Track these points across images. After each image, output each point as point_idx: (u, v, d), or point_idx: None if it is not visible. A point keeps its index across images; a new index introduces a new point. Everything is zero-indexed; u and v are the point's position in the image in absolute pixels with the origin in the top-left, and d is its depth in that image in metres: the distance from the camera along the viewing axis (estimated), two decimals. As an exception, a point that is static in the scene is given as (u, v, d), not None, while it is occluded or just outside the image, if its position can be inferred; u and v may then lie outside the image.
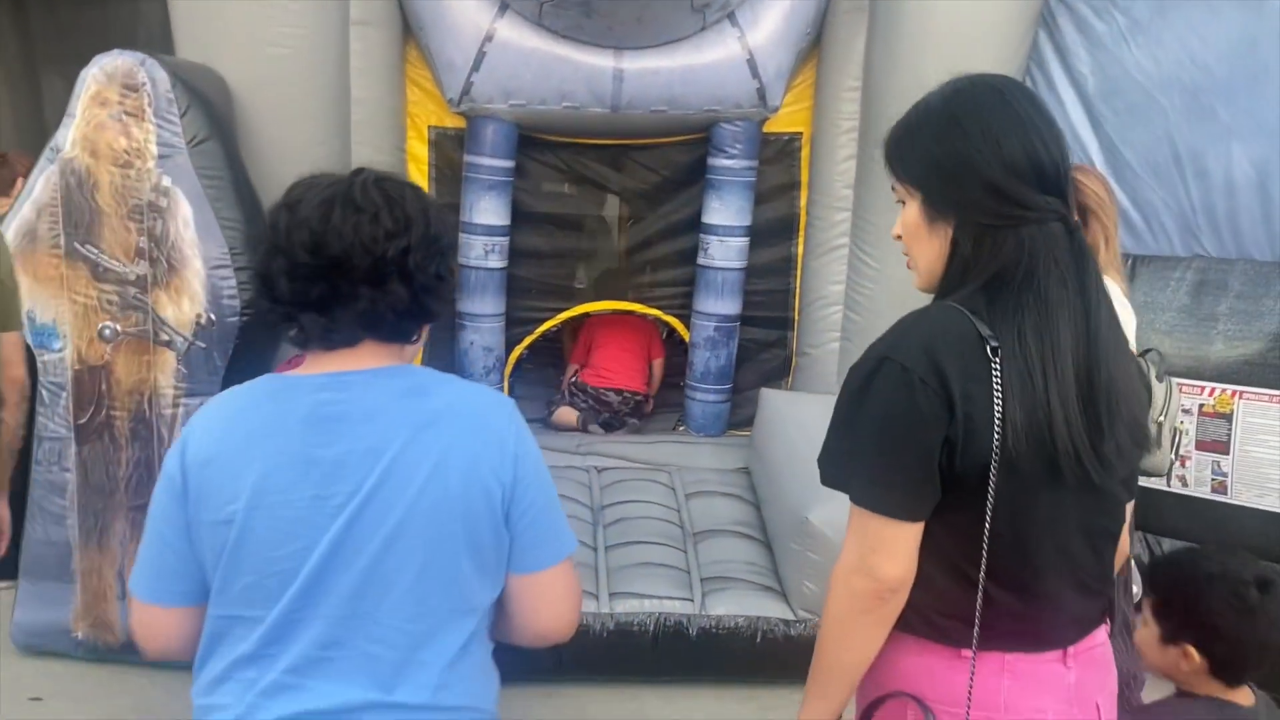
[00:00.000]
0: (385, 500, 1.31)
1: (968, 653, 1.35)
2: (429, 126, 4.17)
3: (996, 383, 1.29)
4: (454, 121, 4.13)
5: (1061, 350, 1.31)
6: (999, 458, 1.29)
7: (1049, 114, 1.40)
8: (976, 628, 1.34)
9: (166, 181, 3.30)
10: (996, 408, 1.28)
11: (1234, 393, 3.39)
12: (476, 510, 1.35)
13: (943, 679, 1.36)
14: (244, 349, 3.40)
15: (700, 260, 4.22)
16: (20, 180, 4.19)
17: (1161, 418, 2.73)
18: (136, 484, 3.41)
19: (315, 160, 3.91)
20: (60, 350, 3.41)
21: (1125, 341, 1.45)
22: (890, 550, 1.32)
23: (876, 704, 1.40)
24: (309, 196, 1.37)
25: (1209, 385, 3.42)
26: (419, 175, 4.17)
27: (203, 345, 3.35)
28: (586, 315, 4.56)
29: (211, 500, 1.33)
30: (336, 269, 1.34)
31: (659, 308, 4.41)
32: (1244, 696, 1.73)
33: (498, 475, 1.36)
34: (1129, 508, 1.51)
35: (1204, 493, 3.45)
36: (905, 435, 1.30)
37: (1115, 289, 2.70)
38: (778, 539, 3.71)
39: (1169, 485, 3.36)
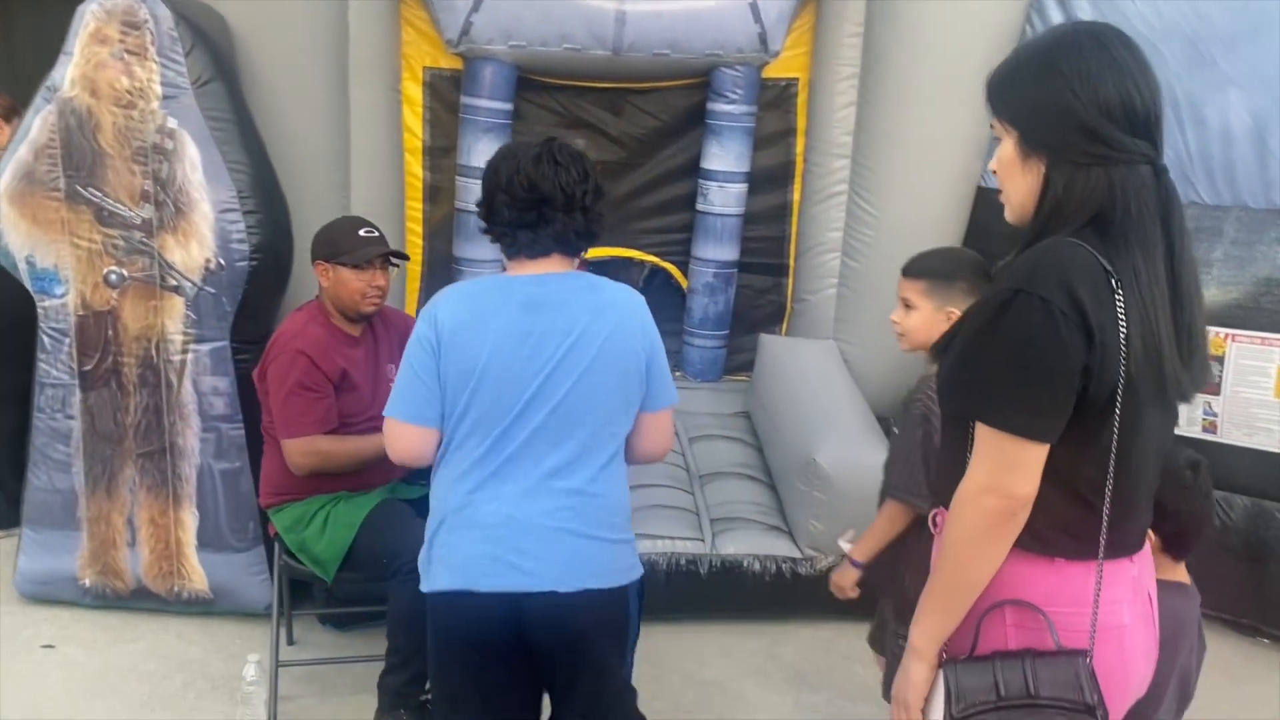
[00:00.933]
0: (574, 359, 1.97)
1: (1061, 560, 1.48)
2: (424, 68, 4.10)
3: (1121, 313, 1.39)
4: (450, 63, 4.07)
5: (1161, 287, 1.43)
6: (1124, 383, 1.40)
7: (1145, 61, 1.46)
8: (1104, 536, 1.46)
9: (172, 123, 3.23)
10: (1122, 336, 1.39)
11: (1226, 336, 3.50)
12: (630, 367, 2.02)
13: (1041, 584, 1.48)
14: (253, 294, 3.35)
15: (699, 206, 4.23)
16: (-2, 119, 4.06)
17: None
18: (145, 430, 3.38)
19: (315, 103, 3.86)
20: (62, 296, 3.34)
21: (1200, 282, 1.53)
22: (1024, 470, 1.41)
23: (987, 612, 1.49)
24: (522, 154, 2.03)
25: (1202, 329, 3.53)
26: (413, 117, 4.11)
27: (211, 290, 3.30)
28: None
29: (460, 355, 1.96)
30: (544, 202, 2.00)
31: (655, 253, 4.41)
32: (1184, 575, 2.03)
33: (642, 346, 2.04)
34: None
35: (1195, 432, 3.57)
36: (1048, 363, 1.38)
37: None
38: (783, 480, 3.78)
39: (1172, 426, 3.47)
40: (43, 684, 3.15)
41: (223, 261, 3.29)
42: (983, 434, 1.44)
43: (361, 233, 2.97)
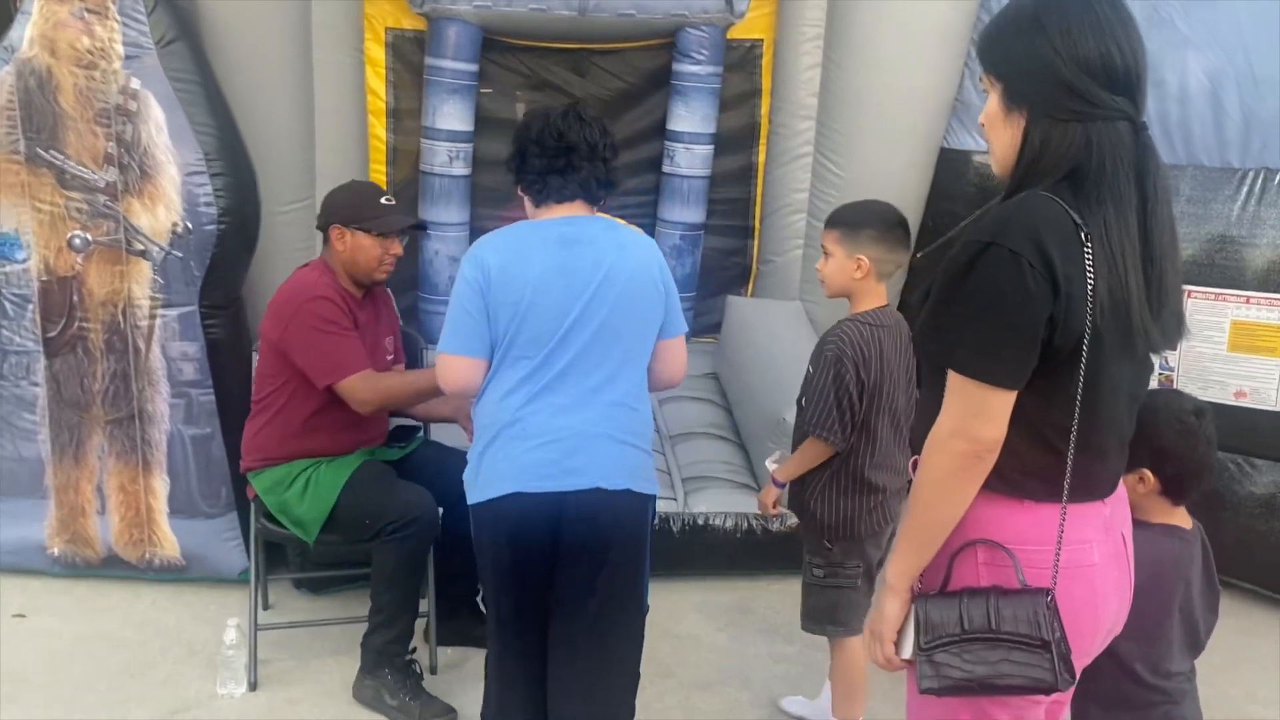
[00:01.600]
0: (606, 289, 2.20)
1: (1029, 502, 1.54)
2: (386, 28, 4.05)
3: (1089, 265, 1.43)
4: (412, 23, 4.03)
5: (1132, 239, 1.47)
6: (1090, 332, 1.44)
7: (1130, 18, 1.49)
8: (1068, 480, 1.51)
9: (135, 84, 3.17)
10: (1089, 287, 1.43)
11: (1184, 292, 3.60)
12: (653, 296, 2.28)
13: (1010, 524, 1.54)
14: (221, 258, 3.31)
15: (665, 168, 4.24)
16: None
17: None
18: (113, 396, 3.34)
19: (278, 63, 3.80)
20: (24, 261, 3.28)
21: (1177, 238, 1.57)
22: (990, 415, 1.46)
23: (959, 551, 1.56)
24: (552, 113, 2.30)
25: (1159, 285, 3.62)
26: (376, 78, 4.07)
27: (179, 255, 3.26)
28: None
29: (506, 290, 2.18)
30: (571, 150, 2.25)
31: (622, 216, 4.38)
32: (1184, 519, 2.07)
33: (660, 278, 2.29)
34: None
35: (1152, 386, 3.67)
36: (1014, 312, 1.43)
37: None
38: (753, 439, 3.83)
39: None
40: (17, 653, 3.12)
41: (190, 225, 3.24)
42: (953, 380, 1.49)
43: (384, 200, 2.98)
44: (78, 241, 3.24)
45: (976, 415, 1.46)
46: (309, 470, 2.88)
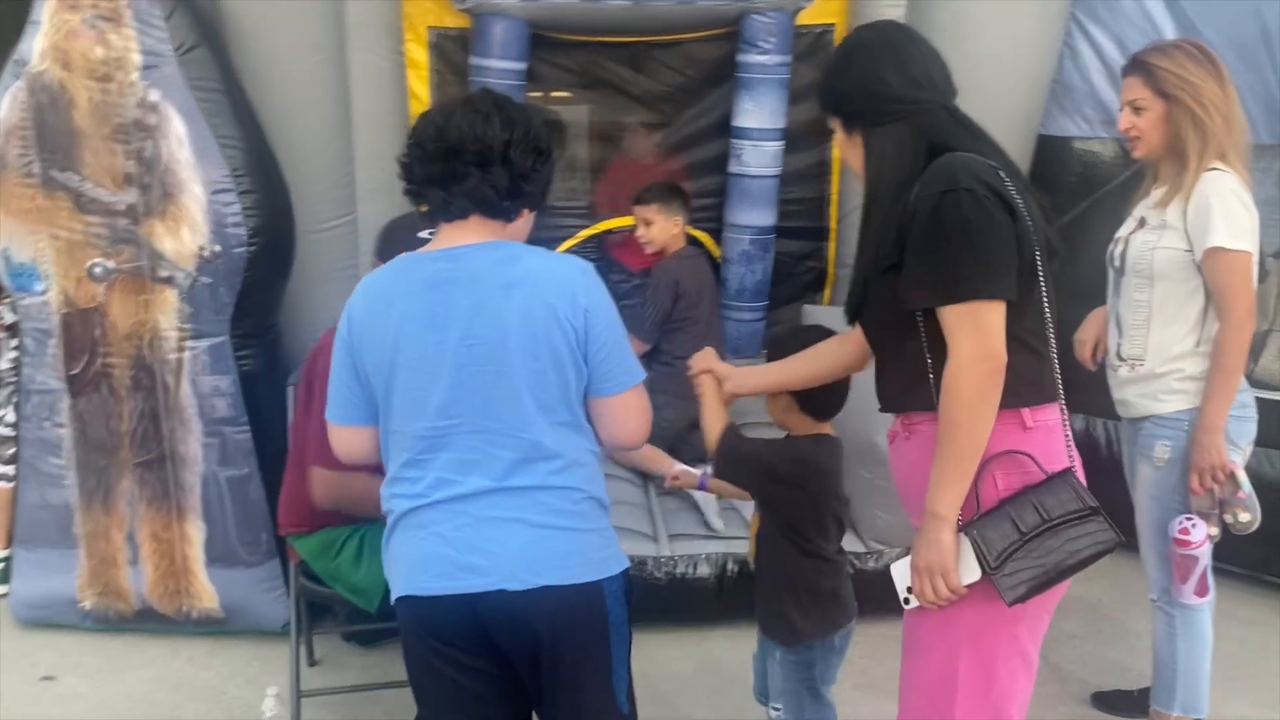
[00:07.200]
0: (488, 344, 1.72)
1: (1028, 409, 1.74)
2: (428, 28, 3.77)
3: (1014, 193, 1.70)
4: (456, 21, 3.74)
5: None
6: (1039, 243, 1.72)
7: (919, 41, 1.84)
8: (1058, 374, 1.77)
9: (154, 95, 2.92)
10: (1023, 209, 1.70)
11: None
12: (559, 349, 1.75)
13: (1011, 435, 1.73)
14: (253, 282, 3.05)
15: (732, 168, 3.91)
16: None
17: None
18: (142, 437, 3.09)
19: (310, 68, 3.53)
20: (43, 293, 3.04)
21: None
22: (998, 331, 1.66)
23: (978, 478, 1.71)
24: (443, 105, 1.84)
25: (1300, 282, 3.22)
26: (418, 81, 3.79)
27: (207, 280, 3.00)
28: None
29: (371, 347, 1.78)
30: (453, 153, 1.74)
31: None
32: (829, 429, 2.32)
33: (571, 323, 1.75)
34: None
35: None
36: (989, 235, 1.65)
37: (1227, 179, 2.40)
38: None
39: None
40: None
41: (218, 248, 2.98)
42: (954, 315, 1.66)
43: (423, 234, 2.65)
44: (99, 270, 2.98)
45: (989, 334, 1.65)
46: (360, 532, 2.55)
